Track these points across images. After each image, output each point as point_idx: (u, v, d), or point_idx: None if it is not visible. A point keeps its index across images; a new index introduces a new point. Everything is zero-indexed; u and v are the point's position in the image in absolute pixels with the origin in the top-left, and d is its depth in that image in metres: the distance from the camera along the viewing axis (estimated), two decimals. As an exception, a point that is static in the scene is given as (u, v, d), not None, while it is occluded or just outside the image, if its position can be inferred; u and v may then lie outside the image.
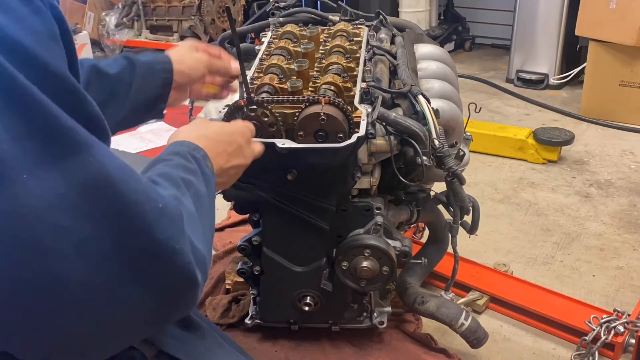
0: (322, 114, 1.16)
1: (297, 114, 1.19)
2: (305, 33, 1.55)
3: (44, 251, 0.56)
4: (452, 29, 4.70)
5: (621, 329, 1.51)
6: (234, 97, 1.34)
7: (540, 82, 3.83)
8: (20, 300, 0.58)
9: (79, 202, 0.58)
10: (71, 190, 0.58)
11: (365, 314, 1.50)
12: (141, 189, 0.65)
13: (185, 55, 1.24)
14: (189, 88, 1.28)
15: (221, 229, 2.20)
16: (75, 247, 0.58)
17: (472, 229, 1.49)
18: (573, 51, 3.78)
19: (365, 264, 1.31)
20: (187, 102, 1.38)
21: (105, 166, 0.61)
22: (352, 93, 1.31)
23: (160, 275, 0.65)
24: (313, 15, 1.76)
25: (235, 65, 1.29)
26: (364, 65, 1.43)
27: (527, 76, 3.87)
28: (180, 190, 0.76)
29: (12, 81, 0.56)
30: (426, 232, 1.82)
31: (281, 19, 1.71)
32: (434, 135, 1.27)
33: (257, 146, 1.11)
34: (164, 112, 1.25)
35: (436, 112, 1.32)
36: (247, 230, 1.66)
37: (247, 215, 1.41)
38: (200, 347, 0.99)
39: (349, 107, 1.21)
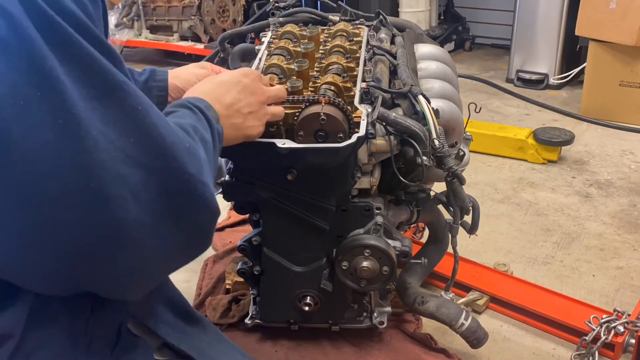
0: (322, 114, 1.16)
1: (297, 114, 1.19)
2: (305, 33, 1.55)
3: (109, 197, 0.65)
4: (452, 29, 4.70)
5: (621, 329, 1.51)
6: None
7: (540, 82, 3.83)
8: (90, 241, 0.66)
9: (132, 152, 0.68)
10: (126, 143, 0.67)
11: (365, 314, 1.50)
12: (173, 132, 0.74)
13: (183, 70, 1.25)
14: None
15: (221, 229, 2.20)
16: (130, 191, 0.67)
17: (472, 229, 1.49)
18: (573, 51, 3.78)
19: (365, 264, 1.31)
20: None
21: (150, 116, 0.70)
22: (352, 93, 1.31)
23: (194, 206, 0.75)
24: (313, 15, 1.76)
25: None
26: (364, 65, 1.43)
27: (527, 76, 3.88)
28: (190, 136, 0.83)
29: (88, 55, 0.65)
30: (426, 232, 1.82)
31: (281, 19, 1.71)
32: (434, 135, 1.27)
33: (273, 89, 1.16)
34: None
35: (436, 112, 1.32)
36: (247, 230, 1.66)
37: (247, 215, 1.41)
38: (202, 340, 1.00)
39: (349, 107, 1.21)
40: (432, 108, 1.31)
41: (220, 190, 1.33)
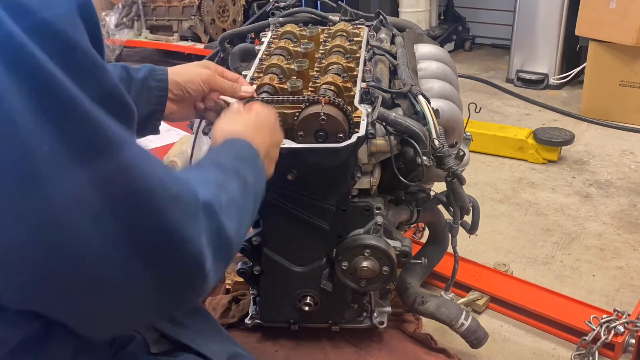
0: (322, 114, 1.16)
1: (297, 114, 1.19)
2: (305, 33, 1.55)
3: (62, 222, 0.59)
4: (452, 29, 4.70)
5: (621, 329, 1.51)
6: None
7: (540, 82, 3.83)
8: (43, 270, 0.61)
9: (97, 191, 0.61)
10: (88, 183, 0.60)
11: (365, 314, 1.50)
12: (155, 175, 0.67)
13: (186, 68, 1.19)
14: (193, 104, 1.20)
15: (221, 229, 2.20)
16: (91, 219, 0.61)
17: (472, 229, 1.49)
18: (573, 51, 3.78)
19: (365, 264, 1.31)
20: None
21: (124, 154, 0.64)
22: (352, 93, 1.30)
23: (169, 259, 0.68)
24: (313, 15, 1.76)
25: (246, 88, 1.22)
26: (364, 65, 1.43)
27: (527, 76, 3.88)
28: (227, 177, 0.81)
29: (49, 77, 0.57)
30: (426, 232, 1.82)
31: (281, 19, 1.71)
32: (434, 135, 1.27)
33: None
34: (159, 127, 1.20)
35: (436, 112, 1.32)
36: (247, 230, 1.66)
37: (247, 215, 1.41)
38: (200, 331, 1.00)
39: (349, 107, 1.21)
40: (432, 108, 1.31)
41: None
